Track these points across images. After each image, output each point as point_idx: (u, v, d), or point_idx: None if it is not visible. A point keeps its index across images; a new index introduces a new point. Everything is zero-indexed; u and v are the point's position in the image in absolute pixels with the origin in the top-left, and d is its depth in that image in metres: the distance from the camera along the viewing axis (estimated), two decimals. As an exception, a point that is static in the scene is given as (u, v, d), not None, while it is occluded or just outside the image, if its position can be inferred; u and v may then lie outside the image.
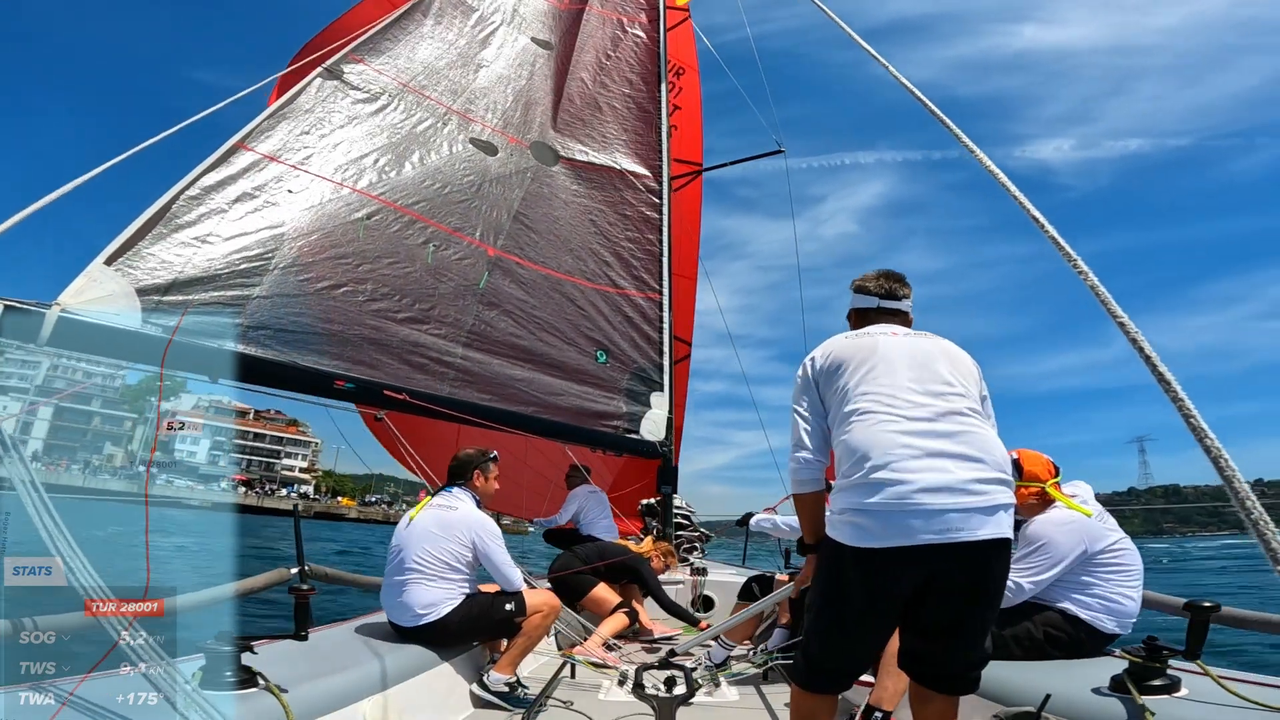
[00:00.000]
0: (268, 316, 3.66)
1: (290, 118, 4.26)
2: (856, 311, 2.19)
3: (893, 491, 1.66)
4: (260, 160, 3.99)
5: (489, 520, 3.23)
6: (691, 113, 9.02)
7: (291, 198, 4.05)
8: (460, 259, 4.85)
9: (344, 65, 4.75)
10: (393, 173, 4.68)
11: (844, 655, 1.83)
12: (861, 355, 1.91)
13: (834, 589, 1.80)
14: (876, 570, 1.69)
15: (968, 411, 1.81)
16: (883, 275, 2.18)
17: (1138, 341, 1.58)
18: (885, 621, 1.81)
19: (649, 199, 6.32)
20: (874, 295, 2.15)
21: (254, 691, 1.96)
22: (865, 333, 2.03)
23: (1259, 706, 1.80)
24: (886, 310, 2.13)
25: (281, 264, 3.83)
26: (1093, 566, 2.56)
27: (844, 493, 1.76)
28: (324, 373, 3.78)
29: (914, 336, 2.01)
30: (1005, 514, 1.70)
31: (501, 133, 5.58)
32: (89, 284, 3.02)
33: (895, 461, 1.69)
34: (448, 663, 2.99)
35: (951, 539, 1.63)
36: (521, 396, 4.90)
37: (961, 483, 1.67)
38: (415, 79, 5.14)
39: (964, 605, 1.74)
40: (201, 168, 3.70)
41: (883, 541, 1.66)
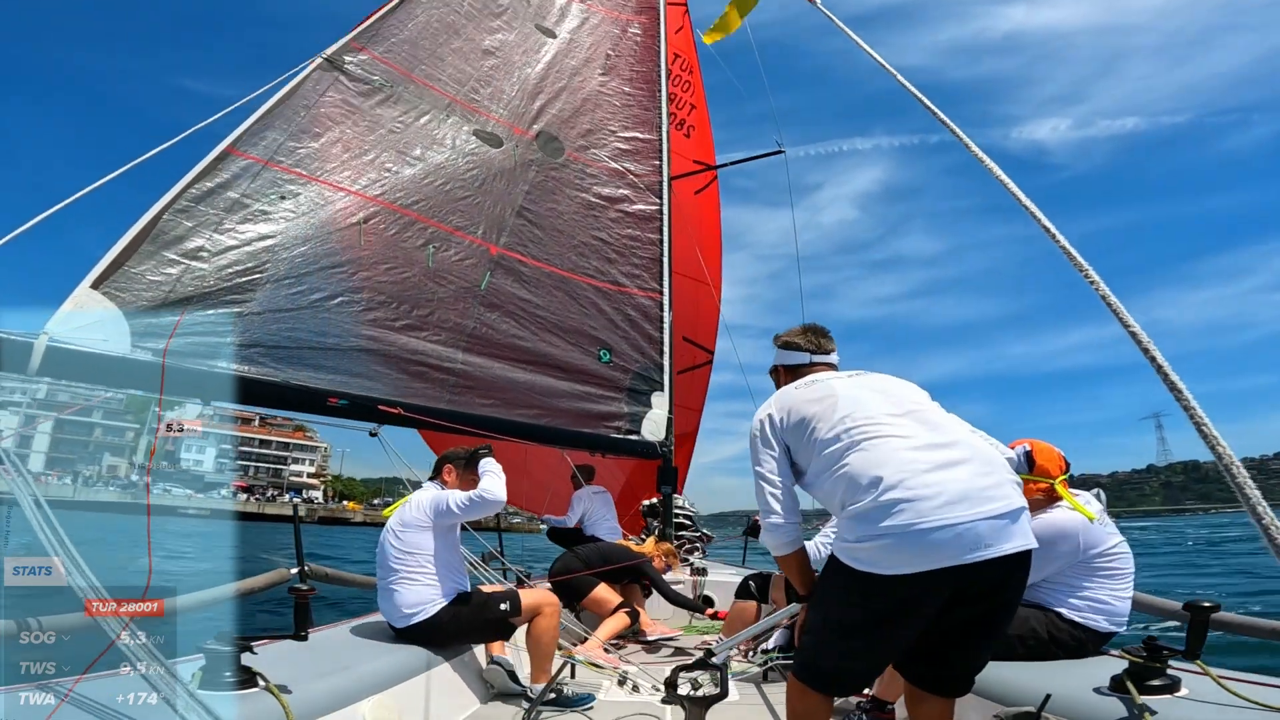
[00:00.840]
0: (260, 333, 3.57)
1: (284, 117, 4.07)
2: (786, 368, 2.19)
3: (915, 509, 1.59)
4: (252, 165, 3.83)
5: (441, 490, 3.24)
6: (702, 112, 9.06)
7: (284, 205, 3.90)
8: (461, 259, 4.75)
9: (345, 55, 4.53)
10: (392, 171, 4.52)
11: (866, 669, 1.82)
12: (823, 399, 1.89)
13: (854, 615, 1.73)
14: (903, 595, 1.63)
15: (953, 423, 1.80)
16: (809, 330, 2.20)
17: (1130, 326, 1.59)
18: (908, 638, 1.77)
19: (649, 197, 6.21)
20: (805, 351, 2.16)
21: (254, 692, 1.95)
22: (813, 380, 2.02)
23: (1259, 706, 1.79)
24: (818, 365, 2.14)
25: (274, 277, 3.72)
26: (1088, 570, 2.55)
27: (857, 520, 1.67)
28: (317, 391, 3.70)
29: (859, 374, 2.02)
30: (1027, 516, 1.67)
31: (506, 123, 5.40)
32: (76, 310, 2.94)
33: (909, 478, 1.63)
34: (447, 663, 2.99)
35: (982, 556, 1.58)
36: (524, 400, 4.86)
37: (980, 489, 1.62)
38: (419, 67, 4.92)
39: (982, 616, 1.71)
40: (189, 178, 3.56)
41: (913, 567, 1.59)
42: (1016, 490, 1.69)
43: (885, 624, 1.70)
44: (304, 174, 4.08)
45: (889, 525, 1.61)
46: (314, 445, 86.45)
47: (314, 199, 4.07)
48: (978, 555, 1.57)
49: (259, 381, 3.51)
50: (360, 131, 4.48)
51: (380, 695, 2.43)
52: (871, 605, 1.69)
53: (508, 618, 3.14)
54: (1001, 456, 1.76)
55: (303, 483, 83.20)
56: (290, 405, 3.69)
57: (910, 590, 1.62)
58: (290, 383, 3.62)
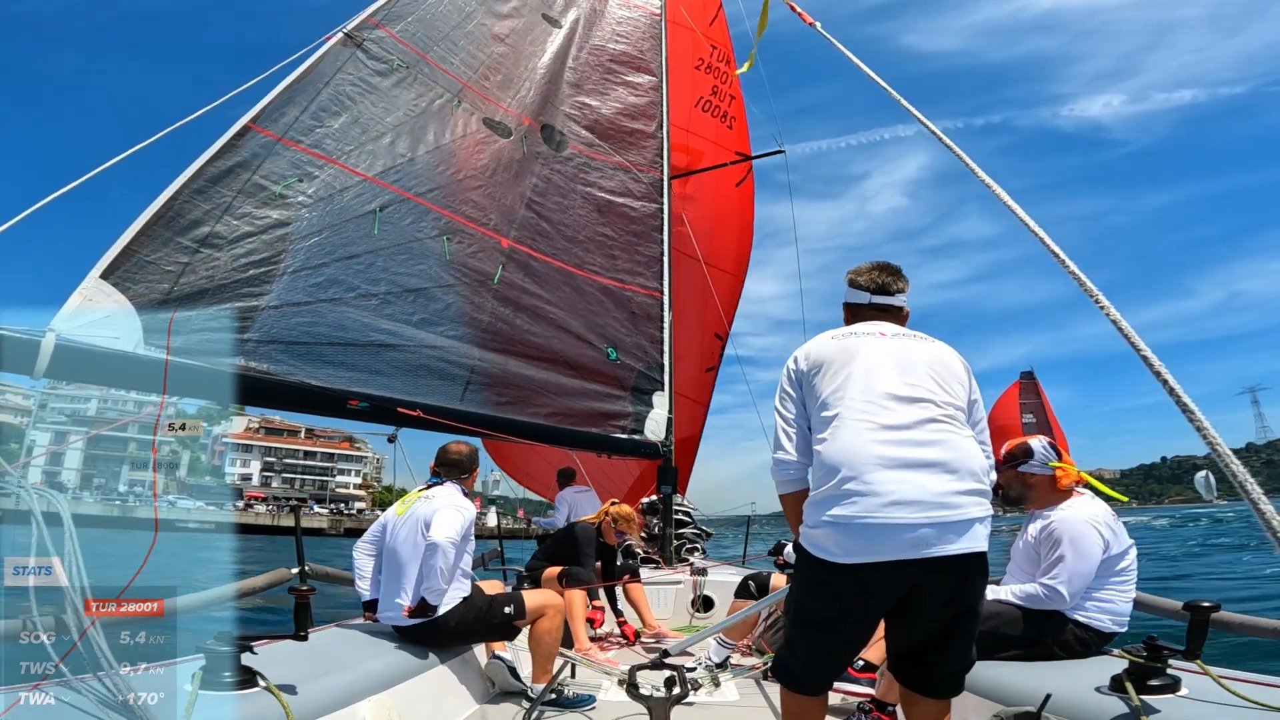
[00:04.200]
0: (278, 329, 3.39)
1: (305, 92, 3.87)
2: (849, 307, 2.07)
3: (864, 504, 1.62)
4: (271, 143, 3.62)
5: (456, 516, 2.97)
6: (740, 103, 9.09)
7: (302, 188, 3.71)
8: (475, 252, 4.63)
9: (364, 31, 4.33)
10: (406, 156, 4.35)
11: (822, 661, 1.81)
12: (843, 358, 1.83)
13: (810, 599, 1.78)
14: (850, 584, 1.67)
15: (947, 419, 1.75)
16: (876, 268, 2.06)
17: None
18: (860, 631, 1.80)
19: (652, 194, 6.17)
20: (865, 290, 2.03)
21: (254, 692, 1.95)
22: (851, 332, 1.93)
23: (1259, 706, 1.80)
24: (878, 306, 2.01)
25: (291, 267, 3.53)
26: (1107, 571, 2.51)
27: (815, 505, 1.72)
28: (337, 392, 3.54)
29: (902, 338, 1.91)
30: (981, 526, 1.66)
31: (514, 113, 5.28)
32: (84, 303, 2.71)
33: (867, 473, 1.64)
34: (447, 663, 2.98)
35: (925, 554, 1.60)
36: (538, 400, 4.80)
37: (935, 496, 1.62)
38: (433, 49, 4.75)
39: (945, 618, 1.72)
40: (208, 155, 3.35)
41: (855, 557, 1.63)
42: (980, 504, 1.68)
43: (841, 614, 1.72)
44: (322, 155, 3.89)
45: (836, 514, 1.64)
46: (361, 455, 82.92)
47: (331, 182, 3.89)
48: (921, 553, 1.60)
49: (278, 383, 3.34)
50: (378, 113, 4.30)
51: (380, 695, 2.43)
52: (826, 592, 1.72)
53: (512, 620, 3.14)
54: (980, 465, 1.73)
55: (349, 494, 79.79)
56: (310, 408, 3.54)
57: (861, 580, 1.65)
58: (310, 384, 3.45)
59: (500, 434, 4.27)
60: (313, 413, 3.60)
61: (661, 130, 6.51)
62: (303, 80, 3.92)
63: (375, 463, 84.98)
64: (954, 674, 1.82)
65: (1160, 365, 1.73)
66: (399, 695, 2.52)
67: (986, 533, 1.69)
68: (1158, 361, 1.75)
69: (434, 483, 3.19)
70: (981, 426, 1.91)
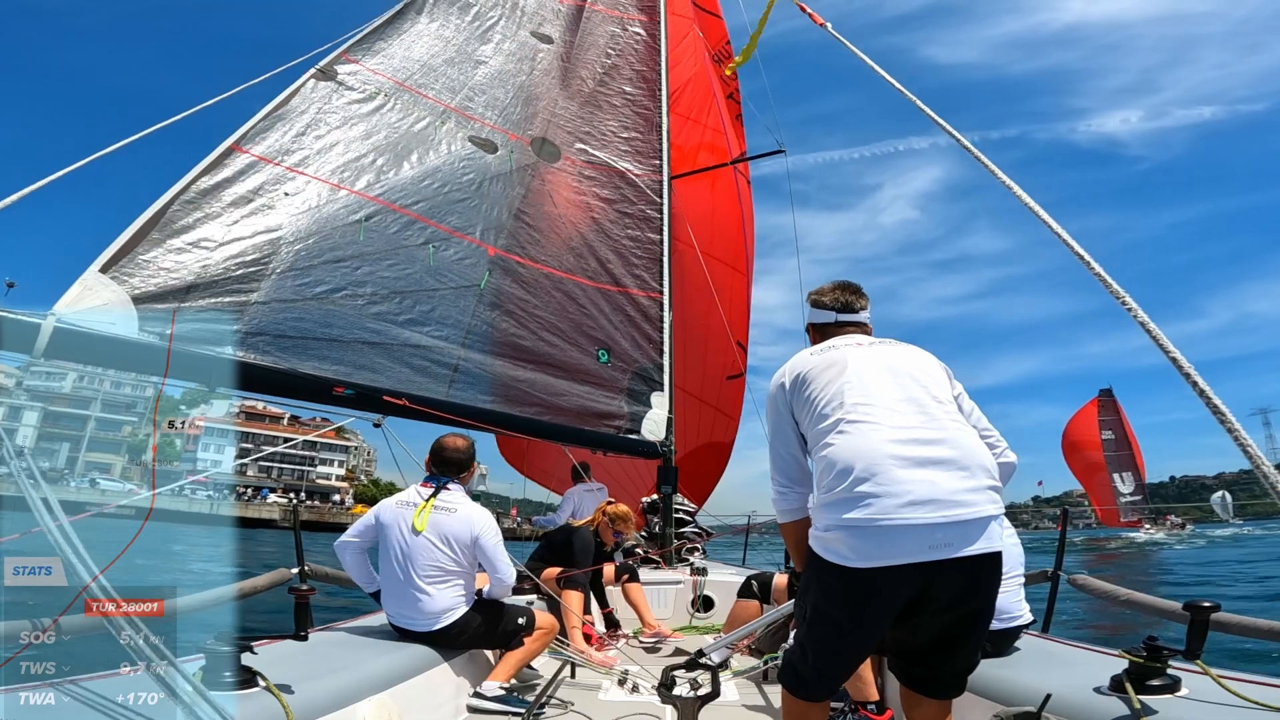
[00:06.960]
0: (266, 322, 3.62)
1: (285, 119, 4.21)
2: (814, 327, 2.14)
3: (879, 505, 1.60)
4: (255, 162, 3.94)
5: (489, 518, 3.14)
6: (738, 105, 9.25)
7: (288, 200, 4.00)
8: (460, 259, 4.82)
9: (337, 66, 4.69)
10: (391, 173, 4.63)
11: (833, 666, 1.81)
12: (833, 371, 1.86)
13: (822, 605, 1.76)
14: (865, 589, 1.66)
15: (949, 416, 1.77)
16: (838, 287, 2.14)
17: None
18: (874, 634, 1.78)
19: (649, 197, 6.28)
20: (830, 310, 2.11)
21: (254, 692, 1.95)
22: (830, 346, 1.98)
23: (1259, 706, 1.79)
24: (844, 324, 2.09)
25: (279, 268, 3.78)
26: None
27: (827, 508, 1.70)
28: (322, 379, 3.73)
29: (880, 345, 1.97)
30: (996, 525, 1.67)
31: (501, 129, 5.53)
32: (84, 292, 2.98)
33: (880, 474, 1.63)
34: (447, 664, 2.98)
35: (942, 556, 1.60)
36: (525, 397, 4.87)
37: (950, 494, 1.62)
38: (411, 77, 5.08)
39: (955, 619, 1.72)
40: (196, 170, 3.66)
41: (868, 560, 1.61)
42: (993, 501, 1.68)
43: (852, 618, 1.71)
44: (306, 173, 4.19)
45: (852, 517, 1.63)
46: (347, 445, 78.62)
47: (316, 196, 4.17)
48: (938, 555, 1.60)
49: (266, 368, 3.54)
50: (358, 135, 4.59)
51: (380, 695, 2.43)
52: (838, 597, 1.71)
53: (520, 633, 3.16)
54: (989, 460, 1.74)
55: (330, 485, 75.42)
56: (296, 393, 3.72)
57: (874, 584, 1.64)
58: (296, 370, 3.66)
59: (485, 426, 4.31)
60: (299, 398, 3.78)
61: (660, 132, 6.54)
62: (281, 107, 4.25)
63: (366, 454, 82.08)
64: (958, 674, 1.82)
65: (1200, 379, 1.65)
66: (399, 695, 2.52)
67: (1001, 532, 1.70)
68: (1198, 377, 1.68)
69: (434, 483, 3.16)
70: (977, 417, 1.94)
